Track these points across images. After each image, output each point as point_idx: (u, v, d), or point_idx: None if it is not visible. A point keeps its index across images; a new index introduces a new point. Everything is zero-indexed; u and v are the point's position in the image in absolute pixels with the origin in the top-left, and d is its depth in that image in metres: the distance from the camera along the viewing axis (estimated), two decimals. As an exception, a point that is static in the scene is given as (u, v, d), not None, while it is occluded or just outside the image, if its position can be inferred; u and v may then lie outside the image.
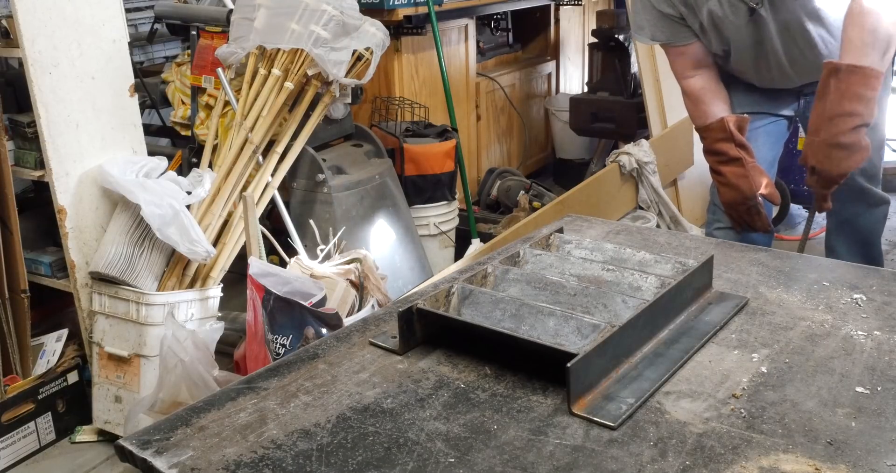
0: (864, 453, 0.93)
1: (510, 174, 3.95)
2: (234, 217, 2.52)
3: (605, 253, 1.44)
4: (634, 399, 1.04)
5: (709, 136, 2.13)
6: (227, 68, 2.66)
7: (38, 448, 2.40)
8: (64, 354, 2.52)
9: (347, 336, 1.26)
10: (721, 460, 0.92)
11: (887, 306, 1.31)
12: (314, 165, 2.79)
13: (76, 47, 2.35)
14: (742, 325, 1.26)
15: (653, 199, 3.58)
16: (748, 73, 2.21)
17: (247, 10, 2.61)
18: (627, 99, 4.07)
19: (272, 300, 2.09)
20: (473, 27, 3.94)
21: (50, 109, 2.29)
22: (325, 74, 2.56)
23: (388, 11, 3.27)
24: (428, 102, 3.54)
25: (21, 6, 2.20)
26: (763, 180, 2.07)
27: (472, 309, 1.24)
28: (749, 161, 2.07)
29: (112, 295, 2.35)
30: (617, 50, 4.12)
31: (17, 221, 2.36)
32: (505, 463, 0.93)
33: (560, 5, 4.63)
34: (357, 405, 1.06)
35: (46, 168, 2.33)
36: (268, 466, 0.94)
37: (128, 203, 2.33)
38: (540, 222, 2.80)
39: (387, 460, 0.94)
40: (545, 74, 4.66)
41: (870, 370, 1.11)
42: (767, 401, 1.04)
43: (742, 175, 2.06)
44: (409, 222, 3.06)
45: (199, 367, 2.08)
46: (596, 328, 1.12)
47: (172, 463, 0.95)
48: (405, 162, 3.16)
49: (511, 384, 1.10)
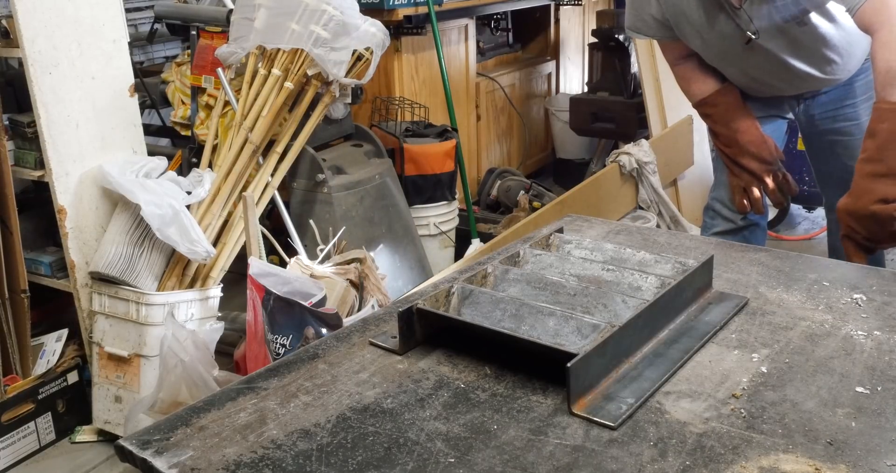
0: (864, 453, 0.93)
1: (510, 174, 3.95)
2: (234, 217, 2.52)
3: (605, 253, 1.44)
4: (634, 399, 1.04)
5: (706, 110, 2.16)
6: (227, 68, 2.66)
7: (38, 448, 2.40)
8: (64, 354, 2.53)
9: (347, 336, 1.26)
10: (721, 460, 0.92)
11: (887, 306, 1.31)
12: (314, 165, 2.79)
13: (76, 47, 2.35)
14: (742, 325, 1.26)
15: (653, 199, 3.58)
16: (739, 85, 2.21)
17: (247, 10, 2.61)
18: (627, 99, 4.08)
19: (272, 299, 2.09)
20: (473, 27, 3.94)
21: (50, 109, 2.29)
22: (325, 74, 2.56)
23: (388, 11, 3.27)
24: (428, 102, 3.54)
25: (21, 6, 2.20)
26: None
27: (472, 309, 1.24)
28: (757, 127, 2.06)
29: (112, 295, 2.36)
30: (617, 50, 4.12)
31: (17, 221, 2.36)
32: (505, 463, 0.93)
33: (560, 5, 4.63)
34: (357, 405, 1.06)
35: (46, 168, 2.33)
36: (268, 466, 0.94)
37: (128, 203, 2.33)
38: (540, 222, 2.80)
39: (387, 460, 0.94)
40: (545, 74, 4.66)
41: (870, 370, 1.11)
42: (767, 401, 1.04)
43: (760, 141, 2.04)
44: (409, 222, 3.06)
45: (199, 367, 2.08)
46: (596, 328, 1.12)
47: (172, 463, 0.95)
48: (405, 162, 3.16)
49: (511, 384, 1.10)
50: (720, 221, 2.30)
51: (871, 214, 1.66)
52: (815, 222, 4.02)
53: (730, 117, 2.11)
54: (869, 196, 1.66)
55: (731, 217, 2.27)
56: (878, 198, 1.65)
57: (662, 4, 2.06)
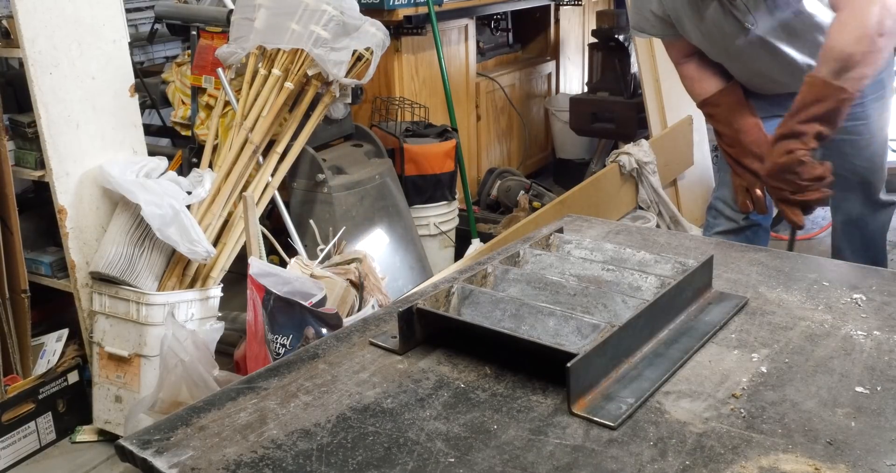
0: (864, 453, 0.93)
1: (510, 174, 3.95)
2: (234, 217, 2.52)
3: (605, 253, 1.44)
4: (634, 399, 1.04)
5: (709, 110, 2.17)
6: (227, 68, 2.66)
7: (38, 447, 2.40)
8: (64, 354, 2.53)
9: (347, 336, 1.26)
10: (721, 460, 0.93)
11: (887, 306, 1.31)
12: (314, 165, 2.79)
13: (76, 47, 2.35)
14: (742, 325, 1.26)
15: (653, 199, 3.58)
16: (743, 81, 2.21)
17: (247, 10, 2.61)
18: (627, 99, 4.07)
19: (272, 300, 2.09)
20: (473, 27, 3.94)
21: (50, 109, 2.29)
22: (325, 74, 2.57)
23: (388, 11, 3.27)
24: (428, 102, 3.54)
25: (21, 6, 2.20)
26: None
27: (472, 309, 1.24)
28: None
29: (112, 295, 2.36)
30: (617, 50, 4.12)
31: (17, 221, 2.36)
32: (505, 463, 0.93)
33: (560, 5, 4.63)
34: (357, 405, 1.06)
35: (46, 168, 2.33)
36: (268, 466, 0.94)
37: (128, 203, 2.33)
38: (540, 222, 2.80)
39: (387, 460, 0.94)
40: (545, 74, 4.66)
41: (870, 370, 1.11)
42: (767, 401, 1.04)
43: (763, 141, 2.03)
44: (409, 221, 3.06)
45: (199, 367, 2.08)
46: (596, 328, 1.12)
47: (172, 463, 0.95)
48: (405, 162, 3.16)
49: (511, 384, 1.10)
50: (723, 220, 2.30)
51: (780, 165, 1.81)
52: (815, 222, 4.01)
53: (733, 117, 2.11)
54: (776, 152, 1.82)
55: (734, 217, 2.27)
56: (784, 151, 1.80)
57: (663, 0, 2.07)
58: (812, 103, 1.76)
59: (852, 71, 1.72)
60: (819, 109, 1.75)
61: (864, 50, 1.71)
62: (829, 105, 1.74)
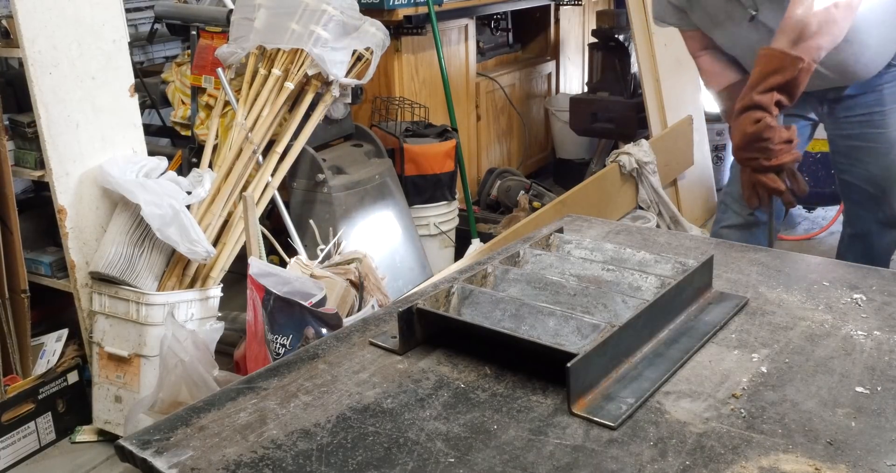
0: (864, 453, 0.93)
1: (510, 174, 3.95)
2: (234, 217, 2.52)
3: (605, 253, 1.44)
4: (634, 399, 1.04)
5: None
6: (227, 68, 2.67)
7: (38, 448, 2.40)
8: (64, 354, 2.52)
9: (347, 336, 1.26)
10: (721, 460, 0.93)
11: (887, 306, 1.31)
12: (314, 165, 2.79)
13: (76, 47, 2.35)
14: (742, 325, 1.26)
15: (653, 199, 3.58)
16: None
17: (247, 10, 2.61)
18: (627, 99, 4.08)
19: (272, 300, 2.09)
20: (473, 27, 3.94)
21: (50, 109, 2.29)
22: (325, 74, 2.57)
23: (388, 11, 3.27)
24: (428, 102, 3.54)
25: (21, 6, 2.20)
26: None
27: (472, 309, 1.24)
28: None
29: (112, 295, 2.35)
30: (617, 50, 4.12)
31: (17, 221, 2.36)
32: (505, 463, 0.93)
33: (560, 5, 4.63)
34: (357, 405, 1.06)
35: (46, 168, 2.33)
36: (268, 466, 0.94)
37: (128, 203, 2.33)
38: (540, 222, 2.80)
39: (387, 460, 0.94)
40: (545, 74, 4.66)
41: (870, 370, 1.11)
42: (767, 401, 1.04)
43: None
44: (409, 222, 3.06)
45: (199, 367, 2.08)
46: (596, 328, 1.12)
47: (172, 463, 0.95)
48: (405, 162, 3.16)
49: (511, 384, 1.10)
50: (731, 214, 2.32)
51: (751, 135, 1.80)
52: (815, 222, 4.02)
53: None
54: (742, 124, 1.82)
55: (741, 212, 2.29)
56: (752, 121, 1.80)
57: None
58: (770, 74, 1.78)
59: (809, 40, 1.75)
60: (778, 80, 1.77)
61: (820, 19, 1.74)
62: (787, 75, 1.76)
